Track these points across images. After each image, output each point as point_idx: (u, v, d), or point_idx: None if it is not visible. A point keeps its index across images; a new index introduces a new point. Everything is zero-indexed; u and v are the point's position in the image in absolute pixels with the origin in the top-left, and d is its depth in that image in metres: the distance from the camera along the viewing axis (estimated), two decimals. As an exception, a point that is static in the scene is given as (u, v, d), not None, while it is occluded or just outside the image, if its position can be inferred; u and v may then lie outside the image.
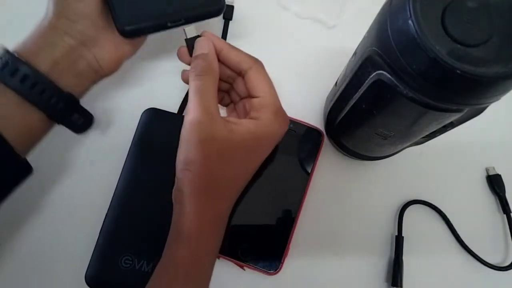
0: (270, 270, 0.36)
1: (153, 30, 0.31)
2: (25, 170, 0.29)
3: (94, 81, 0.32)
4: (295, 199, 0.38)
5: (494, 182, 0.41)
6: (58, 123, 0.30)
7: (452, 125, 0.29)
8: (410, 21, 0.20)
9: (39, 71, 0.27)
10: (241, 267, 0.36)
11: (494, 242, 0.40)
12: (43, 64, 0.28)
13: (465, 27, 0.21)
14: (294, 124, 0.40)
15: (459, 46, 0.20)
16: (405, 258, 0.38)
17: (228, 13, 0.43)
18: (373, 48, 0.25)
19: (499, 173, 0.41)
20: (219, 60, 0.31)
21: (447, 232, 0.40)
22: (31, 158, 0.31)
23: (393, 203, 0.41)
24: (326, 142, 0.41)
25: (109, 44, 0.31)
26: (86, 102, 0.32)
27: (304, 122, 0.41)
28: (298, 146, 0.40)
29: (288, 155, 0.40)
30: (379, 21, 0.24)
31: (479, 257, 0.39)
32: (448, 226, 0.40)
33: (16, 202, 0.30)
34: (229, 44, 0.31)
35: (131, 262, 0.34)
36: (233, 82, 0.33)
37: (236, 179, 0.30)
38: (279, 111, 0.30)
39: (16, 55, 0.27)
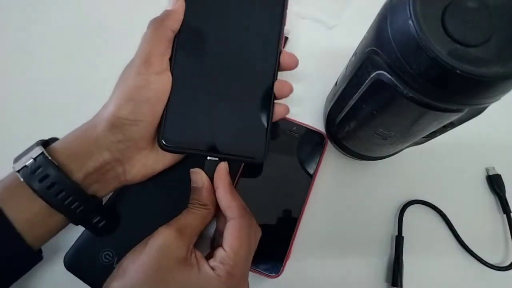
0: (271, 273, 0.36)
1: (190, 155, 0.32)
2: (37, 258, 0.30)
3: (116, 187, 0.32)
4: (297, 201, 0.38)
5: (494, 182, 0.41)
6: (77, 224, 0.30)
7: (452, 125, 0.29)
8: (410, 21, 0.20)
9: (68, 178, 0.28)
10: (242, 269, 0.36)
11: (494, 242, 0.40)
12: (77, 173, 0.28)
13: (465, 27, 0.21)
14: (297, 127, 0.40)
15: (459, 46, 0.20)
16: (405, 258, 0.38)
17: None
18: (373, 48, 0.25)
19: (499, 173, 0.41)
20: (216, 195, 0.31)
21: (447, 232, 0.40)
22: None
23: (393, 203, 0.41)
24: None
25: (141, 163, 0.31)
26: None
27: (307, 125, 0.41)
28: (301, 149, 0.40)
29: (291, 158, 0.40)
30: (379, 21, 0.24)
31: (479, 257, 0.39)
32: (448, 226, 0.40)
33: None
34: (228, 186, 0.31)
35: (110, 259, 0.34)
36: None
37: None
38: (235, 274, 0.28)
39: (49, 158, 0.27)
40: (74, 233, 0.35)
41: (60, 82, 0.42)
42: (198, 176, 0.31)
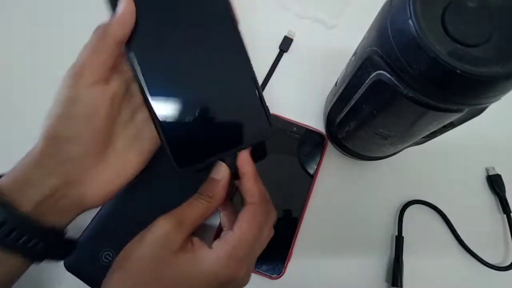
0: (273, 274, 0.36)
1: (209, 165, 0.31)
2: None
3: (79, 214, 0.29)
4: (298, 202, 0.38)
5: (494, 182, 0.41)
6: (36, 262, 0.27)
7: (452, 125, 0.29)
8: (410, 21, 0.20)
9: (18, 215, 0.25)
10: (244, 270, 0.36)
11: (494, 242, 0.40)
12: (25, 205, 0.26)
13: (465, 27, 0.21)
14: (297, 128, 0.40)
15: (459, 46, 0.20)
16: (405, 258, 0.38)
17: (285, 45, 0.44)
18: (373, 48, 0.25)
19: (499, 173, 0.41)
20: (240, 181, 0.30)
21: (447, 232, 0.40)
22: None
23: (393, 203, 0.41)
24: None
25: (97, 181, 0.28)
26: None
27: (307, 125, 0.41)
28: (301, 150, 0.40)
29: (291, 159, 0.40)
30: (379, 21, 0.24)
31: (479, 257, 0.39)
32: (448, 226, 0.40)
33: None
34: (253, 173, 0.30)
35: (110, 259, 0.34)
36: None
37: None
38: (236, 256, 0.27)
39: None
40: (74, 233, 0.34)
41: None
42: (221, 168, 0.30)
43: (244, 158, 0.30)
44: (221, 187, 0.30)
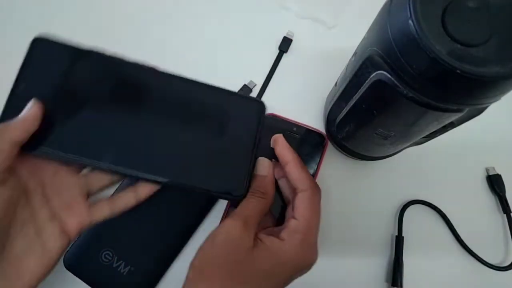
0: None
1: (253, 167, 0.31)
2: None
3: None
4: None
5: (494, 182, 0.41)
6: None
7: (452, 125, 0.29)
8: (410, 21, 0.20)
9: None
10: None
11: (494, 242, 0.40)
12: None
13: (465, 27, 0.21)
14: (297, 128, 0.40)
15: (459, 46, 0.20)
16: (405, 258, 0.38)
17: (284, 46, 0.44)
18: (373, 48, 0.25)
19: (499, 173, 0.41)
20: (283, 172, 0.31)
21: (447, 232, 0.40)
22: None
23: (393, 203, 0.41)
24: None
25: None
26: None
27: (307, 125, 0.41)
28: (301, 150, 0.40)
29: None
30: (379, 21, 0.24)
31: (479, 257, 0.39)
32: (448, 226, 0.40)
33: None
34: (297, 159, 0.30)
35: (110, 259, 0.34)
36: (288, 204, 0.33)
37: None
38: (309, 242, 0.29)
39: None
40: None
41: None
42: (265, 164, 0.31)
43: (281, 145, 0.31)
44: (269, 182, 0.31)
